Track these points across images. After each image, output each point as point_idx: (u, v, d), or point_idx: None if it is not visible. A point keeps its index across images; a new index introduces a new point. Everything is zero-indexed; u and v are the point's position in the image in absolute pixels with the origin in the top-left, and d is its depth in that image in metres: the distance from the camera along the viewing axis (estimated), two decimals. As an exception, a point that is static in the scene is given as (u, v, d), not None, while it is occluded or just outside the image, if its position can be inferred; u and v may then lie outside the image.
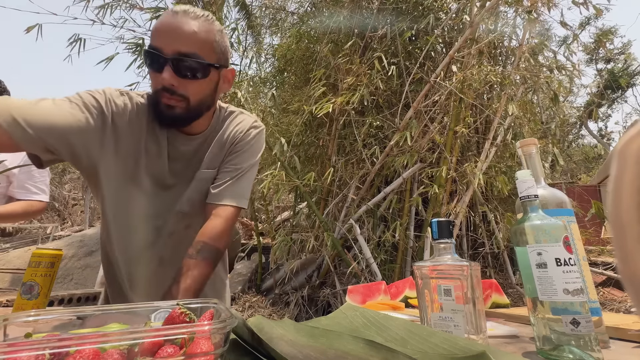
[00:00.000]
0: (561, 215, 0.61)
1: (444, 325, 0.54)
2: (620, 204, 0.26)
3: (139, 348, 0.36)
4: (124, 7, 3.71)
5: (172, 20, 0.69)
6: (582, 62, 12.68)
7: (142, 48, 3.37)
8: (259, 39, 5.02)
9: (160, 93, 0.71)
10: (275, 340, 0.41)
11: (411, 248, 2.84)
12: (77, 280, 5.53)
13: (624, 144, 0.27)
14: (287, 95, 3.75)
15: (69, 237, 6.40)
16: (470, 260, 0.56)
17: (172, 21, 0.69)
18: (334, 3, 3.37)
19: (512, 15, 3.12)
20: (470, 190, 2.76)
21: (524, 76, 2.92)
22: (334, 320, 0.59)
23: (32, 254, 0.73)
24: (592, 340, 0.47)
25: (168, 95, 0.70)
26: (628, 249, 0.26)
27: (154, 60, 0.69)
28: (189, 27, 0.69)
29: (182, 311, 0.41)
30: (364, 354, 0.39)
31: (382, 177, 3.12)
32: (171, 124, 0.77)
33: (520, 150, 0.68)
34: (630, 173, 0.26)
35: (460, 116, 2.78)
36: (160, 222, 0.82)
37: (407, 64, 3.04)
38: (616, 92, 13.38)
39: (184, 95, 0.71)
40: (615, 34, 11.36)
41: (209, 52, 0.73)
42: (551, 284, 0.50)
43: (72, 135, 0.68)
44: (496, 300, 0.99)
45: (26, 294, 0.70)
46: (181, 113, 0.73)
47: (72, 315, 0.44)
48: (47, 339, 0.32)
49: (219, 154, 0.84)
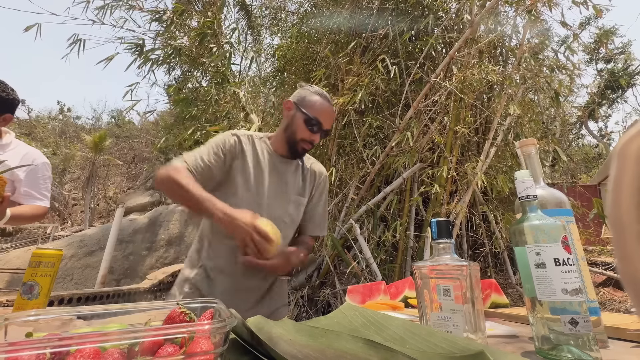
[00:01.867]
0: (560, 216, 0.61)
1: (443, 325, 0.54)
2: (620, 204, 0.26)
3: (139, 347, 0.36)
4: (123, 8, 3.71)
5: (329, 108, 1.14)
6: (582, 62, 12.68)
7: (142, 48, 3.37)
8: (259, 39, 5.02)
9: (305, 143, 1.12)
10: (274, 339, 0.42)
11: (411, 248, 2.84)
12: (77, 280, 5.53)
13: (624, 143, 0.27)
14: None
15: (69, 237, 6.40)
16: (469, 260, 0.56)
17: (329, 109, 1.14)
18: (334, 3, 3.37)
19: (513, 15, 3.12)
20: (470, 190, 2.76)
21: (524, 76, 2.92)
22: (334, 320, 0.59)
23: (32, 254, 0.74)
24: (590, 340, 0.47)
25: (309, 146, 1.13)
26: (628, 249, 0.26)
27: (316, 128, 1.11)
28: (332, 116, 1.18)
29: (182, 311, 0.42)
30: (363, 354, 0.39)
31: (382, 177, 3.12)
32: (299, 157, 1.18)
33: (520, 150, 0.68)
34: (630, 173, 0.26)
35: (460, 116, 2.78)
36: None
37: (407, 64, 3.04)
38: (616, 92, 13.38)
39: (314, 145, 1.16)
40: (615, 34, 11.36)
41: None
42: (550, 283, 0.50)
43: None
44: (495, 300, 0.99)
45: (26, 294, 0.70)
46: (305, 153, 1.18)
47: (72, 315, 0.44)
48: (48, 339, 0.32)
49: (305, 185, 1.20)
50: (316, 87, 1.19)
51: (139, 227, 6.35)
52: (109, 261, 3.82)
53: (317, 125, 1.11)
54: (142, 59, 3.39)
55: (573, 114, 7.98)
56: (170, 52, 3.30)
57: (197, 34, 3.18)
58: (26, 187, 1.44)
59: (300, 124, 1.11)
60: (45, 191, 1.51)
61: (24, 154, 1.48)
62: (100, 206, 14.79)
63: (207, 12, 3.68)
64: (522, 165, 0.68)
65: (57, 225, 12.20)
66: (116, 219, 4.22)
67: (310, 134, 1.11)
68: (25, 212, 1.40)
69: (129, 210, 10.80)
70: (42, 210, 1.48)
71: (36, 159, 1.49)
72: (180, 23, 3.47)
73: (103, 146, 14.13)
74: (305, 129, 1.11)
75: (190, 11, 3.64)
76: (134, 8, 3.69)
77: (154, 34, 3.81)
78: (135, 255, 5.91)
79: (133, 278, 5.55)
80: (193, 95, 3.54)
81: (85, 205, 13.24)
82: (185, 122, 3.62)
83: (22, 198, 1.43)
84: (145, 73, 3.53)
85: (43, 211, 1.49)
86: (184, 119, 3.60)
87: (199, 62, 3.62)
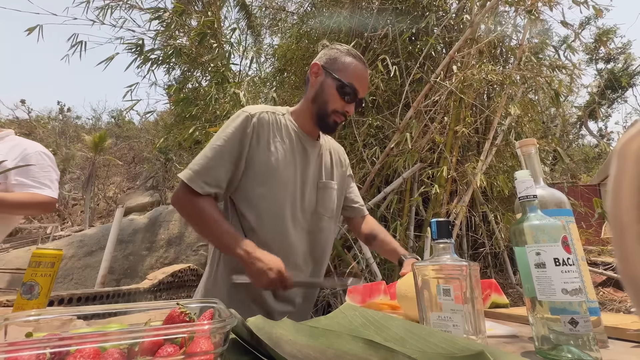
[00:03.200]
0: (560, 216, 0.61)
1: (443, 325, 0.54)
2: (620, 204, 0.26)
3: (139, 347, 0.36)
4: (123, 8, 3.71)
5: (365, 71, 0.98)
6: (582, 62, 12.68)
7: (142, 48, 3.37)
8: (259, 39, 5.02)
9: (338, 115, 0.96)
10: (274, 339, 0.42)
11: (411, 248, 2.84)
12: (77, 280, 5.53)
13: (624, 143, 0.27)
14: (287, 95, 3.75)
15: (69, 237, 6.41)
16: (469, 260, 0.56)
17: (365, 73, 0.98)
18: (334, 3, 3.37)
19: (513, 15, 3.12)
20: (470, 190, 2.76)
21: (524, 76, 2.92)
22: (334, 320, 0.59)
23: (32, 254, 0.74)
24: (590, 340, 0.47)
25: (342, 119, 0.98)
26: (628, 249, 0.26)
27: (351, 96, 0.95)
28: (367, 81, 1.02)
29: (181, 311, 0.42)
30: (363, 354, 0.39)
31: (382, 177, 3.12)
32: (330, 132, 1.03)
33: (520, 150, 0.68)
34: (630, 173, 0.26)
35: (460, 116, 2.78)
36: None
37: (407, 64, 3.04)
38: (616, 92, 13.39)
39: (347, 118, 1.00)
40: (615, 33, 11.36)
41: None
42: (550, 283, 0.50)
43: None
44: (495, 300, 0.99)
45: (26, 294, 0.70)
46: (337, 127, 1.01)
47: (72, 315, 0.44)
48: (48, 339, 0.32)
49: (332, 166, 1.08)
50: (346, 46, 1.00)
51: (139, 227, 6.35)
52: (109, 261, 3.83)
53: (353, 93, 0.94)
54: (141, 59, 3.38)
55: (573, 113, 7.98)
56: (170, 52, 3.30)
57: (197, 34, 3.18)
58: (17, 176, 1.33)
59: (332, 92, 0.94)
60: (46, 180, 1.39)
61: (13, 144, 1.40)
62: (100, 206, 14.80)
63: (207, 11, 3.68)
64: (522, 165, 0.68)
65: (57, 225, 12.21)
66: (116, 219, 4.22)
67: (344, 103, 0.95)
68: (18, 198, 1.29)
69: (129, 210, 10.80)
70: (41, 198, 1.35)
71: (27, 148, 1.40)
72: (180, 23, 3.47)
73: (103, 146, 14.14)
74: (339, 98, 0.94)
75: (190, 11, 3.64)
76: (134, 8, 3.70)
77: (154, 33, 3.81)
78: (135, 255, 5.91)
79: (133, 278, 5.55)
80: (193, 95, 3.54)
81: (85, 205, 13.25)
82: (185, 122, 3.62)
83: (14, 187, 1.33)
84: (145, 73, 3.53)
85: (43, 199, 1.36)
86: (183, 118, 3.60)
87: (199, 62, 3.62)
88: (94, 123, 20.88)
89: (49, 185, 1.40)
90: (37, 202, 1.34)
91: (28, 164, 1.35)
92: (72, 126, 19.48)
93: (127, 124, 19.70)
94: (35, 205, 1.34)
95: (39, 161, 1.40)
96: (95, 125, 20.58)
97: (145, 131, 17.63)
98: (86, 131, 17.68)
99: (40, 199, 1.35)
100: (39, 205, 1.35)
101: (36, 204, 1.34)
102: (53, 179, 1.43)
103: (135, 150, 17.09)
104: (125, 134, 18.37)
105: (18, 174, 1.33)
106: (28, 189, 1.34)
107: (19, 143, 1.41)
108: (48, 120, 19.39)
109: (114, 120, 21.07)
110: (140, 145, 17.00)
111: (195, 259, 6.00)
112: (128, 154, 17.13)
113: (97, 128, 19.33)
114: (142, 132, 17.78)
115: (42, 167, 1.40)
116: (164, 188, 13.99)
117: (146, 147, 16.34)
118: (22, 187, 1.33)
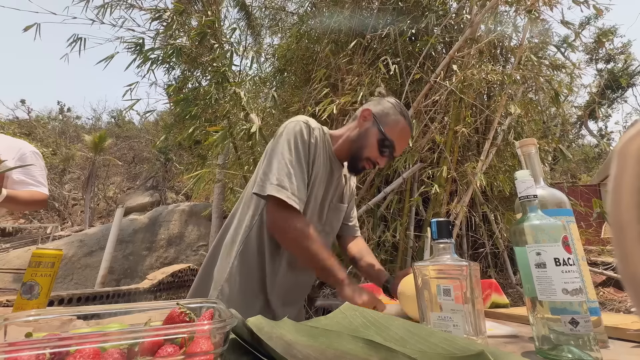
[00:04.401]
0: (560, 215, 0.61)
1: (443, 325, 0.54)
2: (620, 204, 0.26)
3: (139, 347, 0.36)
4: (123, 7, 3.71)
5: (409, 134, 1.02)
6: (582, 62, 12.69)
7: (142, 48, 3.37)
8: (259, 39, 5.02)
9: (369, 163, 1.00)
10: (274, 340, 0.41)
11: (411, 248, 2.84)
12: (77, 280, 5.53)
13: (624, 143, 0.27)
14: (287, 95, 3.75)
15: (69, 237, 6.41)
16: (469, 260, 0.56)
17: (408, 135, 1.02)
18: (334, 3, 3.37)
19: (513, 15, 3.12)
20: (470, 190, 2.76)
21: (525, 75, 2.92)
22: (334, 320, 0.59)
23: (32, 254, 0.73)
24: (590, 340, 0.47)
25: (370, 167, 1.01)
26: (628, 249, 0.26)
27: (388, 152, 0.99)
28: (407, 143, 1.08)
29: (182, 311, 0.41)
30: (363, 354, 0.39)
31: (382, 177, 3.12)
32: (355, 174, 1.08)
33: (520, 150, 0.68)
34: (630, 172, 0.26)
35: (460, 116, 2.78)
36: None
37: (407, 64, 3.04)
38: (616, 92, 13.39)
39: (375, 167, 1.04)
40: (615, 33, 11.36)
41: None
42: (550, 283, 0.50)
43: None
44: (496, 300, 0.99)
45: (26, 294, 0.70)
46: (363, 172, 1.06)
47: (72, 315, 0.44)
48: (48, 339, 0.32)
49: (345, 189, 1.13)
50: (401, 104, 1.03)
51: (139, 227, 6.35)
52: (109, 261, 3.83)
53: (390, 150, 0.98)
54: (141, 59, 3.38)
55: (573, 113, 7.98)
56: (170, 51, 3.30)
57: (197, 34, 3.18)
58: (18, 175, 1.42)
59: (373, 142, 0.98)
60: (41, 178, 1.50)
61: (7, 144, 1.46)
62: (100, 206, 14.80)
63: (206, 11, 3.68)
64: (522, 165, 0.68)
65: (57, 225, 12.21)
66: (116, 219, 4.22)
67: (379, 156, 0.98)
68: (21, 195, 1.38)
69: (129, 210, 10.80)
70: (40, 195, 1.46)
71: (22, 148, 1.48)
72: (181, 22, 3.47)
73: (103, 146, 14.14)
74: (377, 150, 0.98)
75: (190, 10, 3.64)
76: (134, 7, 3.70)
77: (154, 33, 3.81)
78: (135, 255, 5.91)
79: (133, 278, 5.55)
80: (193, 95, 3.54)
81: (85, 205, 13.25)
82: (185, 121, 3.62)
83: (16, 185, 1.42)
84: (145, 73, 3.53)
85: (41, 197, 1.46)
86: (183, 118, 3.60)
87: (199, 62, 3.62)
88: (94, 123, 20.89)
89: (44, 183, 1.51)
90: (38, 200, 1.44)
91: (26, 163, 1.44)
92: (72, 126, 19.47)
93: (127, 124, 19.70)
94: (37, 203, 1.45)
95: (35, 161, 1.50)
96: (95, 125, 20.58)
97: (145, 131, 17.64)
98: (86, 131, 17.67)
99: (40, 196, 1.46)
100: (39, 202, 1.46)
101: (37, 201, 1.45)
102: (45, 177, 1.55)
103: (135, 150, 17.09)
104: (125, 134, 18.37)
105: (18, 172, 1.42)
106: (28, 187, 1.44)
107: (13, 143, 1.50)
108: (48, 120, 19.39)
109: (114, 120, 21.07)
110: (140, 145, 17.01)
111: (195, 259, 6.00)
112: (128, 154, 17.13)
113: (97, 128, 19.33)
114: (142, 132, 17.79)
115: (38, 167, 1.51)
116: (164, 188, 14.00)
117: (146, 147, 16.35)
118: (23, 185, 1.43)
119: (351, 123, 1.06)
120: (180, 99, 3.54)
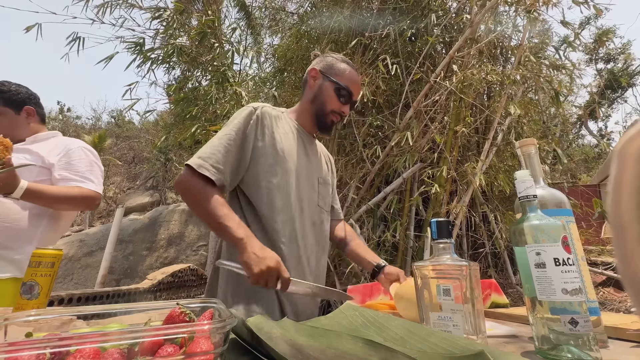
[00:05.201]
0: (560, 215, 0.61)
1: (443, 325, 0.54)
2: (620, 204, 0.26)
3: (139, 347, 0.36)
4: (123, 7, 3.70)
5: (357, 77, 1.09)
6: (582, 62, 12.70)
7: (142, 47, 3.36)
8: (259, 39, 5.02)
9: (335, 114, 1.06)
10: (274, 339, 0.42)
11: (411, 248, 2.84)
12: (77, 280, 5.53)
13: (624, 143, 0.27)
14: (287, 95, 3.75)
15: (69, 237, 6.40)
16: (469, 260, 0.56)
17: (357, 78, 1.09)
18: (334, 3, 3.36)
19: (513, 15, 3.12)
20: (470, 190, 2.76)
21: (524, 75, 2.92)
22: (334, 320, 0.59)
23: (32, 254, 0.73)
24: (590, 340, 0.47)
25: (338, 118, 1.08)
26: (628, 249, 0.26)
27: (346, 98, 1.06)
28: (360, 86, 1.13)
29: (182, 311, 0.42)
30: (363, 354, 0.39)
31: (382, 177, 3.12)
32: (327, 132, 1.11)
33: (520, 150, 0.68)
34: (630, 173, 0.26)
35: (460, 116, 2.78)
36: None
37: (407, 64, 3.04)
38: (616, 92, 13.39)
39: (343, 118, 1.09)
40: (614, 33, 11.36)
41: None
42: (550, 283, 0.50)
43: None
44: (495, 300, 0.99)
45: (26, 294, 0.70)
46: (334, 126, 1.11)
47: (72, 315, 0.44)
48: (48, 339, 0.32)
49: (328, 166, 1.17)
50: (340, 55, 1.12)
51: (139, 227, 6.35)
52: (109, 261, 3.82)
53: (348, 95, 1.05)
54: (142, 58, 3.38)
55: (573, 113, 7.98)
56: (171, 51, 3.30)
57: (198, 33, 3.18)
58: (60, 172, 1.30)
59: (330, 94, 1.05)
60: (89, 174, 1.35)
61: (57, 142, 1.38)
62: (100, 206, 14.80)
63: (207, 11, 3.68)
64: (522, 165, 0.68)
65: (57, 225, 12.18)
66: (116, 219, 4.22)
67: (340, 104, 1.05)
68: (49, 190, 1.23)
69: (129, 210, 10.79)
70: (85, 191, 1.30)
71: (70, 144, 1.38)
72: (181, 22, 3.46)
73: (103, 146, 14.13)
74: (336, 99, 1.05)
75: (190, 10, 3.64)
76: (134, 6, 3.69)
77: (154, 32, 3.81)
78: (135, 255, 5.91)
79: (133, 278, 5.55)
80: (193, 95, 3.54)
81: (85, 205, 13.21)
82: (185, 121, 3.62)
83: (58, 182, 1.30)
84: (145, 72, 3.53)
85: (88, 193, 1.31)
86: (183, 118, 3.59)
87: (199, 62, 3.62)
88: (94, 123, 20.86)
89: (91, 179, 1.35)
90: (80, 196, 1.29)
91: (70, 158, 1.33)
92: (72, 126, 19.45)
93: (127, 124, 19.69)
94: (79, 199, 1.29)
95: (82, 156, 1.37)
96: (95, 125, 20.56)
97: (145, 131, 17.63)
98: (86, 131, 17.66)
99: (84, 192, 1.30)
100: (82, 199, 1.29)
101: (79, 197, 1.28)
102: (97, 173, 1.39)
103: (135, 150, 17.08)
104: (125, 134, 18.36)
105: (61, 168, 1.31)
106: (71, 182, 1.30)
107: (62, 141, 1.41)
108: (48, 120, 19.35)
109: (113, 120, 21.06)
110: (140, 145, 17.00)
111: (196, 259, 5.99)
112: (128, 154, 17.12)
113: (97, 128, 19.31)
114: (142, 132, 17.78)
115: (86, 163, 1.37)
116: (164, 188, 13.99)
117: (146, 147, 16.34)
118: (65, 182, 1.29)
119: (304, 92, 1.12)
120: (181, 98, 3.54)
